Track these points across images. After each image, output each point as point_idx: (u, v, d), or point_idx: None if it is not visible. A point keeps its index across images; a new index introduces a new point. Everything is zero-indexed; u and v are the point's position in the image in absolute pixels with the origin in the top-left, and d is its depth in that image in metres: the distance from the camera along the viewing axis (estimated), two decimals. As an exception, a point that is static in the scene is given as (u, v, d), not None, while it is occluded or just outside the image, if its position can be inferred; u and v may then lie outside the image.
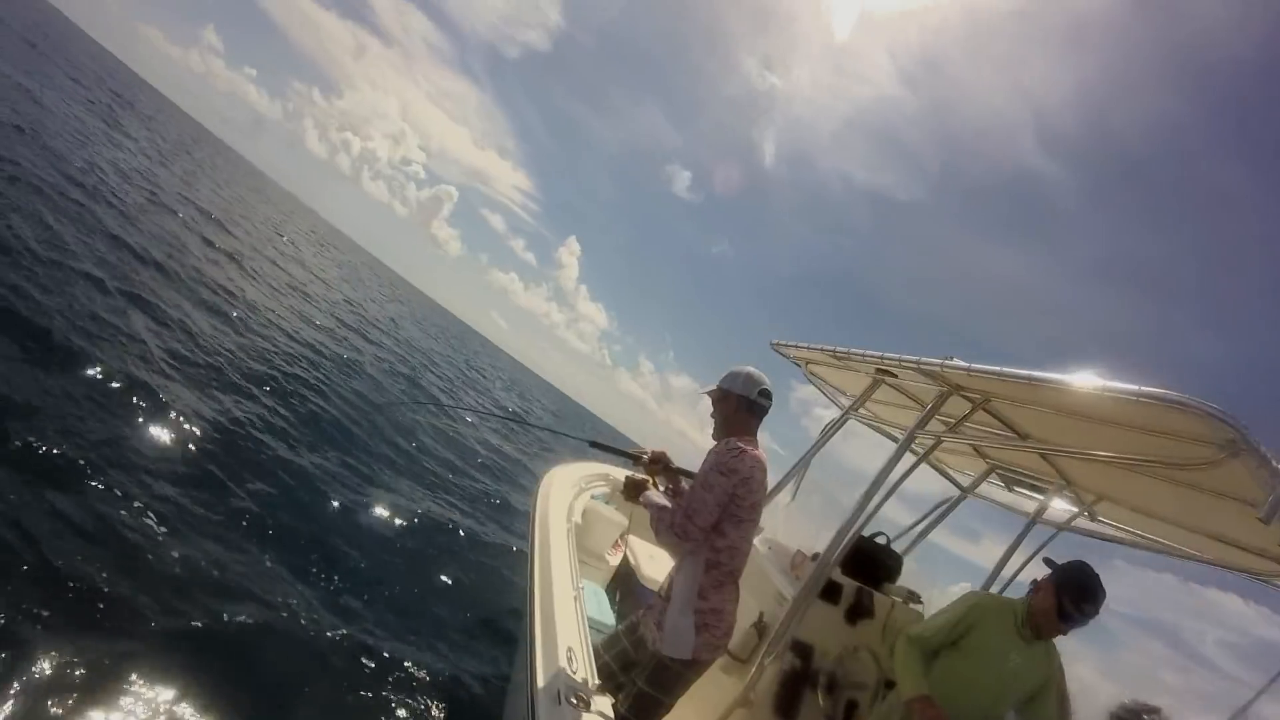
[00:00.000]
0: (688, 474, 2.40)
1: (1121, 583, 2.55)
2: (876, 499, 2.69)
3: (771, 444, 2.43)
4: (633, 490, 2.32)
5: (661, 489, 2.38)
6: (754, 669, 2.45)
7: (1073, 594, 2.00)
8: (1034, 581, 2.27)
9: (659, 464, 2.37)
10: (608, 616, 3.51)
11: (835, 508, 2.92)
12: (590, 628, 2.63)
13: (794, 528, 3.28)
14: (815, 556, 2.80)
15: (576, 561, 3.22)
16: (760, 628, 2.65)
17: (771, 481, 3.55)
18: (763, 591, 2.84)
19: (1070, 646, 2.25)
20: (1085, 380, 1.87)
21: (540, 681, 2.16)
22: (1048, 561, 2.22)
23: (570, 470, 4.77)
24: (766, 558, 3.07)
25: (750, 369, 2.24)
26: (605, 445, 2.66)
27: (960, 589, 2.53)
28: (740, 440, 2.10)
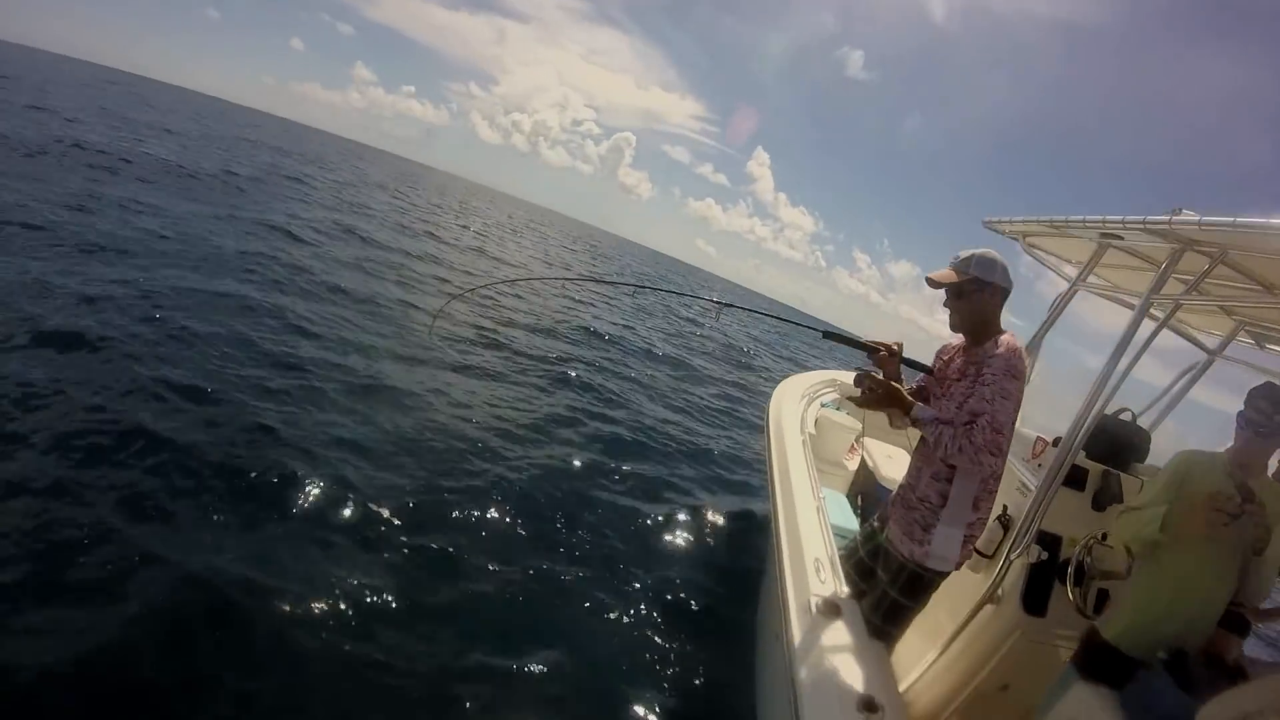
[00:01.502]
0: (924, 368, 2.43)
1: None
2: (1117, 373, 2.50)
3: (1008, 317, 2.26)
4: (887, 401, 2.11)
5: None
6: (1000, 564, 2.53)
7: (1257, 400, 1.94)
8: None
9: (897, 358, 2.33)
10: (851, 523, 3.75)
11: (1075, 387, 2.78)
12: (835, 535, 2.88)
13: (1031, 412, 3.14)
14: (1056, 441, 2.72)
15: (815, 471, 3.47)
16: (1005, 521, 2.68)
17: None
18: (1005, 484, 2.84)
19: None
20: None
21: (790, 593, 2.44)
22: None
23: (798, 381, 4.97)
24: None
25: (997, 255, 2.15)
26: (839, 335, 2.66)
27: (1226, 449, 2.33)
28: (1011, 340, 2.06)
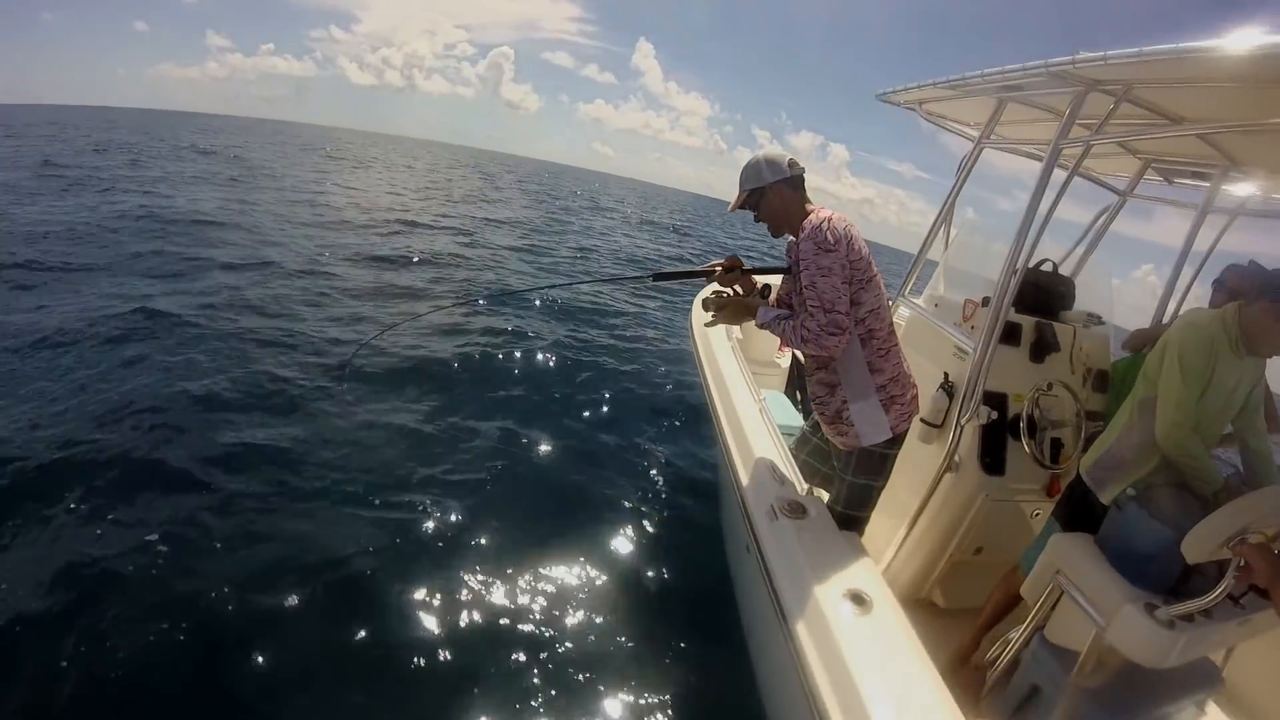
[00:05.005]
0: (768, 271, 2.34)
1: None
2: (1035, 226, 2.50)
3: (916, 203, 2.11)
4: (735, 313, 2.20)
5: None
6: (952, 432, 2.57)
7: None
8: (1216, 282, 2.09)
9: (734, 271, 2.28)
10: (795, 419, 3.75)
11: (996, 248, 2.78)
12: (784, 434, 2.84)
13: (956, 279, 3.16)
14: (986, 301, 2.74)
15: (750, 374, 3.42)
16: (949, 389, 2.71)
17: (918, 236, 3.40)
18: (941, 352, 2.87)
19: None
20: (1246, 41, 1.57)
21: (751, 501, 2.36)
22: (1236, 268, 2.02)
23: (713, 290, 4.88)
24: (936, 315, 3.05)
25: (761, 154, 2.10)
26: (670, 273, 2.50)
27: (1143, 272, 2.38)
28: (815, 215, 1.99)
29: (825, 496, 2.36)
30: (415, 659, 2.66)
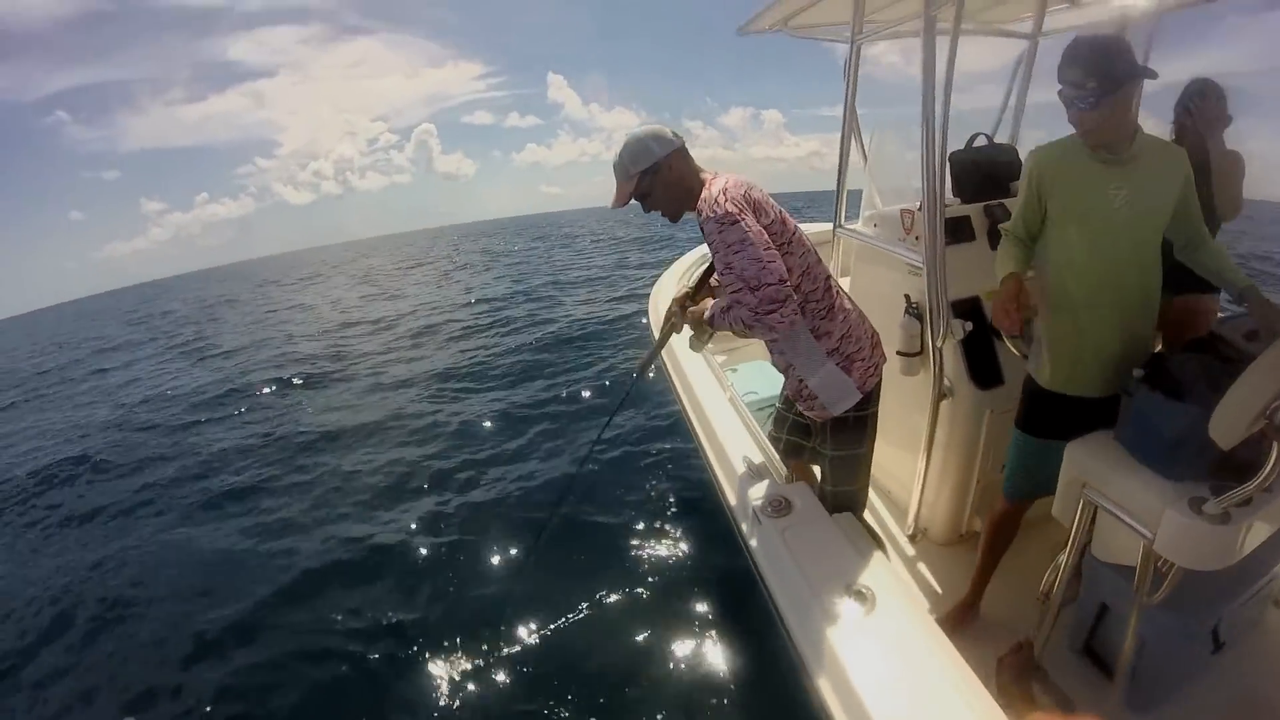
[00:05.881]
0: (706, 274, 2.16)
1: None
2: (938, 101, 2.17)
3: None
4: (694, 327, 2.04)
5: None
6: (931, 357, 2.35)
7: (1065, 71, 1.66)
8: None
9: (687, 303, 2.12)
10: (774, 387, 3.51)
11: (915, 145, 2.52)
12: (759, 410, 2.63)
13: (889, 192, 2.92)
14: (921, 205, 2.51)
15: (715, 361, 3.22)
16: (915, 312, 2.48)
17: (822, 166, 3.15)
18: (896, 275, 2.64)
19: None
20: None
21: (733, 505, 2.21)
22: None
23: (670, 275, 4.68)
24: (878, 237, 2.81)
25: (639, 131, 1.84)
26: (647, 359, 2.33)
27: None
28: (709, 185, 1.77)
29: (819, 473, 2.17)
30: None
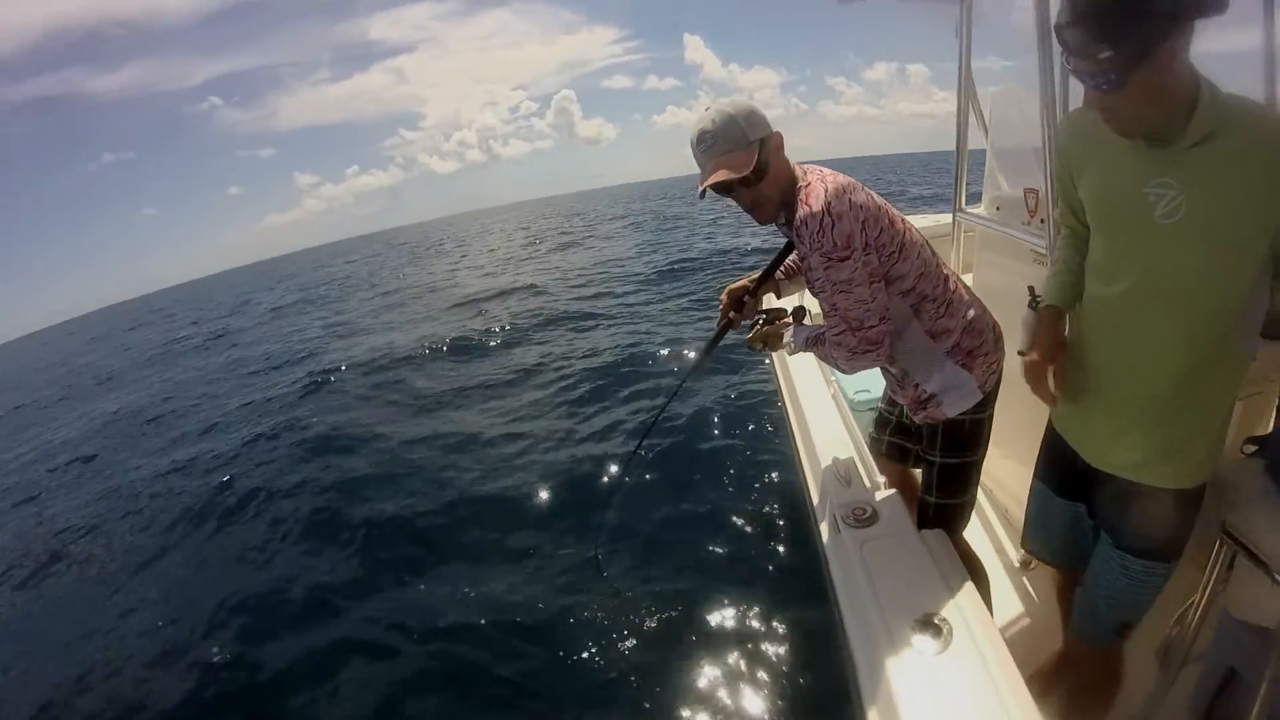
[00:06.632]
0: (773, 266, 1.98)
1: None
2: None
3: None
4: (775, 342, 1.91)
5: (774, 305, 2.03)
6: None
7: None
8: None
9: (742, 302, 1.98)
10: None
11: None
12: (869, 410, 2.45)
13: (1010, 166, 2.57)
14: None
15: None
16: (1038, 305, 2.19)
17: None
18: (1019, 263, 2.34)
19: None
20: None
21: (817, 511, 2.07)
22: None
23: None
24: (999, 221, 2.50)
25: (725, 107, 1.53)
26: (698, 360, 2.24)
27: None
28: (807, 195, 1.51)
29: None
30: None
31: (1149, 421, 1.30)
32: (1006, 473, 2.50)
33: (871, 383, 3.43)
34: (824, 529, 1.95)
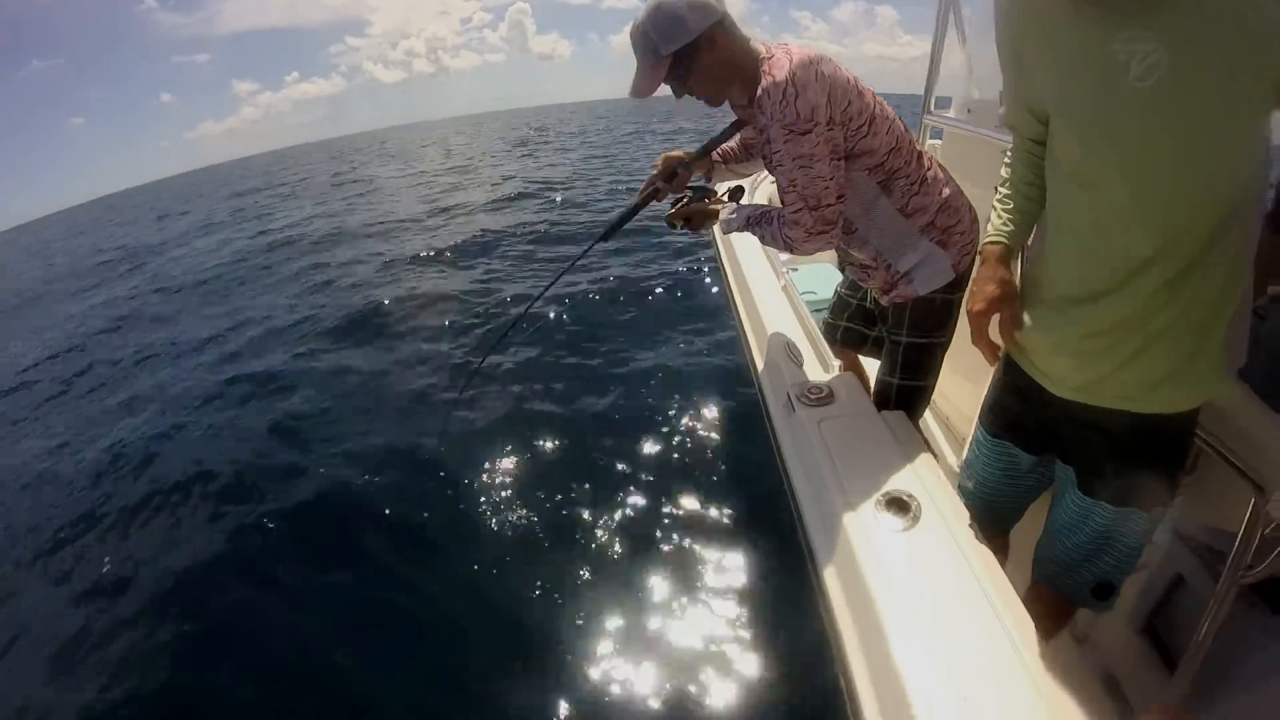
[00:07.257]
0: (714, 143, 1.89)
1: None
2: None
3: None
4: (700, 220, 1.83)
5: (702, 181, 1.93)
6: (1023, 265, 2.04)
7: None
8: None
9: (675, 171, 1.87)
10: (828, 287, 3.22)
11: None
12: (815, 311, 2.40)
13: (986, 72, 2.56)
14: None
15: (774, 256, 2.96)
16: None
17: (921, 39, 2.77)
18: (991, 166, 2.30)
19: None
20: None
21: (768, 392, 1.97)
22: None
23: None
24: (972, 122, 2.47)
25: (653, 11, 1.47)
26: (614, 224, 1.97)
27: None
28: (770, 66, 1.43)
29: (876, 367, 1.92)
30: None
31: (1150, 336, 1.04)
32: (952, 386, 2.48)
33: (819, 284, 3.40)
34: (776, 410, 1.86)
